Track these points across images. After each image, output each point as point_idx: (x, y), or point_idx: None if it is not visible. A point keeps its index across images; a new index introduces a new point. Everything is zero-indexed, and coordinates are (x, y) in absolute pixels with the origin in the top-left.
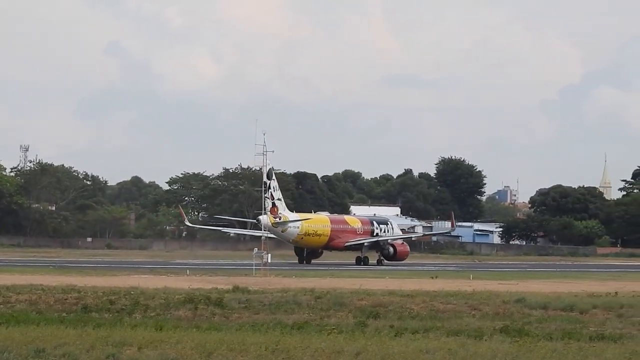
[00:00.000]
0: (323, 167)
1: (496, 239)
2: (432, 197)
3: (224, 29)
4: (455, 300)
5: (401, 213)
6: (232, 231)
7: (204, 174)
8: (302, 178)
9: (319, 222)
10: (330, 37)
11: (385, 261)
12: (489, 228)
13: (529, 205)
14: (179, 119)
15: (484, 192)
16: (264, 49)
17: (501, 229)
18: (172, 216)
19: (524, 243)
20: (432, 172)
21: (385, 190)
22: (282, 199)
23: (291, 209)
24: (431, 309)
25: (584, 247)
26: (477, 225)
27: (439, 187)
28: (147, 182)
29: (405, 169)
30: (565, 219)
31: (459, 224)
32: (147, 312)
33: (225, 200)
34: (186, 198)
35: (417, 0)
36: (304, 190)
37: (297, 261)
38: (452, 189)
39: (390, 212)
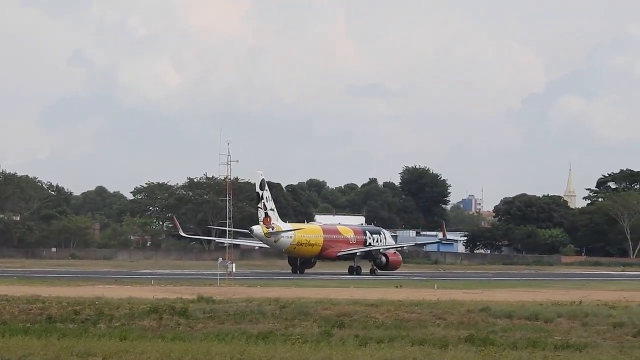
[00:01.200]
0: (287, 176)
1: (461, 248)
2: (397, 206)
3: (187, 38)
4: (420, 309)
5: (366, 222)
6: (227, 241)
7: (169, 183)
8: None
9: (312, 232)
10: (294, 46)
11: (378, 271)
12: (453, 237)
13: (494, 214)
14: (143, 128)
15: (449, 201)
16: (227, 58)
17: (466, 238)
18: (136, 226)
19: (489, 252)
20: (396, 181)
21: (350, 199)
22: (275, 209)
23: (255, 218)
24: (396, 318)
25: (548, 256)
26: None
27: (403, 196)
28: (112, 192)
29: (369, 178)
30: (530, 228)
31: (424, 233)
32: (111, 322)
33: (190, 209)
34: (150, 208)
35: (381, 9)
36: None
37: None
38: (417, 198)
39: (355, 221)
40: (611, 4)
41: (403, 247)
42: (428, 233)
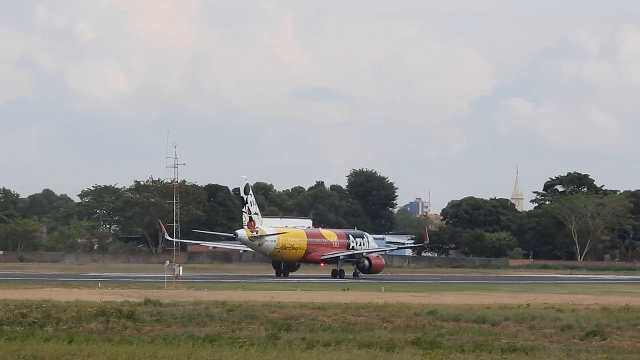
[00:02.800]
0: (235, 179)
1: (408, 251)
2: (344, 209)
3: (134, 42)
4: (366, 313)
5: (313, 225)
6: (212, 244)
7: (116, 186)
8: (214, 190)
9: (296, 235)
10: (242, 51)
11: (361, 274)
12: (400, 240)
13: (441, 217)
14: (90, 132)
15: (396, 204)
16: (175, 62)
17: (413, 241)
18: (83, 229)
19: (436, 255)
20: (343, 184)
21: (297, 202)
22: (259, 214)
23: (203, 221)
24: (343, 321)
25: (495, 259)
26: (388, 237)
27: (350, 200)
28: (59, 195)
29: (317, 182)
30: (477, 231)
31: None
32: (59, 325)
33: (137, 213)
34: (97, 211)
35: (327, 14)
36: (216, 203)
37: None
38: (364, 201)
39: (302, 224)
40: (559, 8)
41: (385, 251)
42: (376, 236)
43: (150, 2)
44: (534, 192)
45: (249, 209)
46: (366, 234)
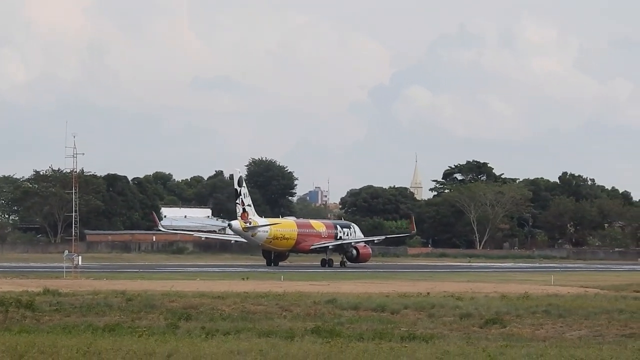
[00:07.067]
0: (134, 169)
1: None
2: None
3: (31, 31)
4: (266, 302)
5: (212, 214)
6: (204, 235)
7: (14, 176)
8: (112, 180)
9: (287, 226)
10: (138, 40)
11: (349, 263)
12: None
13: (340, 206)
14: None
15: (295, 193)
16: (73, 52)
17: None
18: None
19: None
20: (243, 173)
21: (197, 192)
22: (252, 205)
23: (102, 211)
24: (242, 310)
25: (394, 248)
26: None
27: (250, 189)
28: None
29: (216, 171)
30: (376, 220)
31: None
32: None
33: (37, 203)
34: None
35: (223, 3)
36: (115, 192)
37: (265, 263)
38: (264, 190)
39: (202, 213)
40: None
41: (374, 240)
42: None
43: None
44: (433, 181)
45: (242, 200)
46: (353, 224)
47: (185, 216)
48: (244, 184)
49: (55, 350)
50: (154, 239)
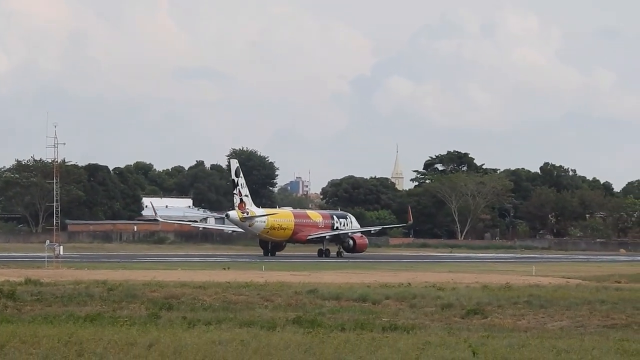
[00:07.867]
0: (115, 159)
1: None
2: (224, 188)
3: (11, 20)
4: (247, 292)
5: (193, 204)
6: (202, 226)
7: None
8: (93, 170)
9: (284, 216)
10: (118, 30)
11: (345, 253)
12: None
13: (321, 197)
14: None
15: (276, 183)
16: (53, 41)
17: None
18: None
19: None
20: (223, 163)
21: (178, 182)
22: (250, 196)
23: (83, 201)
24: (224, 300)
25: (376, 238)
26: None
27: (230, 179)
28: None
29: (197, 161)
30: (357, 210)
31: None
32: None
33: (18, 193)
34: None
35: None
36: (96, 182)
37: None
38: (244, 180)
39: (182, 203)
40: None
41: (370, 230)
42: None
43: None
44: (414, 171)
45: (239, 190)
46: (349, 215)
47: (166, 206)
48: (241, 175)
49: (37, 340)
50: (135, 229)
